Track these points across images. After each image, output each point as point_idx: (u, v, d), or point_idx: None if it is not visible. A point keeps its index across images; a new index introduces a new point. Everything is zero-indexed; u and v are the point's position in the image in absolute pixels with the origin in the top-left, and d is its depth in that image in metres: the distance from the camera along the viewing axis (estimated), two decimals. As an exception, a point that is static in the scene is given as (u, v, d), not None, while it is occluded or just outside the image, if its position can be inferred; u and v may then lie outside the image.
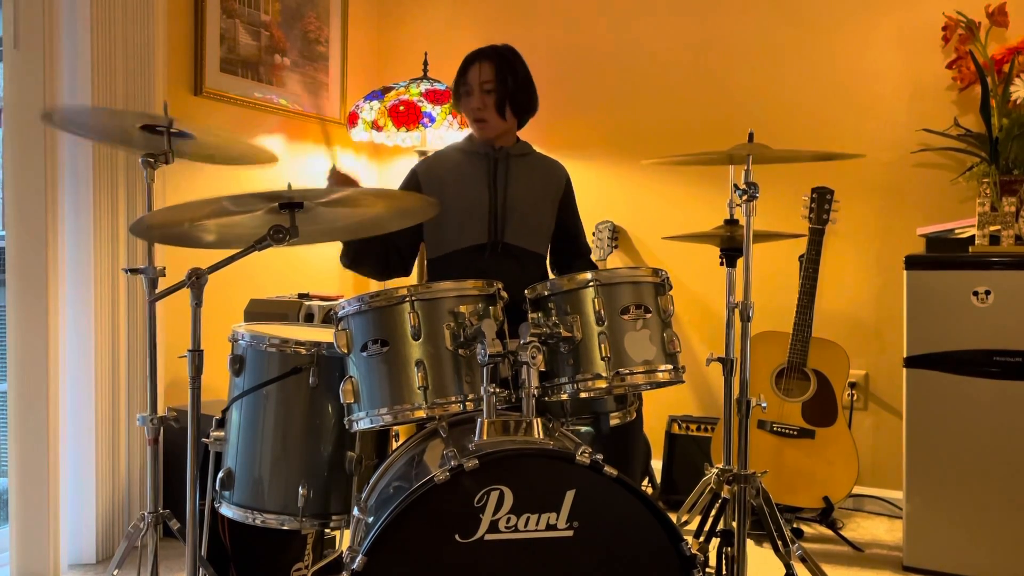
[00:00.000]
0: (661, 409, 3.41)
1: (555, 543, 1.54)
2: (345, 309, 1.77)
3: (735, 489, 2.25)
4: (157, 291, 2.03)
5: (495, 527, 1.53)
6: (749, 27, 3.54)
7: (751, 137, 2.32)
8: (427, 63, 3.70)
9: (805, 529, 3.10)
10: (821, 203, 3.05)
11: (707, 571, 2.11)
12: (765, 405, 2.28)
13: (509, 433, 1.64)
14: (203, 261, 1.73)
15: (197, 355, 1.73)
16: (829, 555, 2.88)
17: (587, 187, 2.97)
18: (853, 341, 3.29)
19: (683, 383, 1.90)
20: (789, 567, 2.31)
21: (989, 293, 2.67)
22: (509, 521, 1.53)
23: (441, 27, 4.06)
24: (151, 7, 2.84)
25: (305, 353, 1.87)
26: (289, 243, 1.70)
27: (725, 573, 2.27)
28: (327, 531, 2.38)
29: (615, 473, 1.56)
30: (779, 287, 3.37)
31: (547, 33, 3.84)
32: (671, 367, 1.83)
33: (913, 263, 2.78)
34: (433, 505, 1.52)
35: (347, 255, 2.36)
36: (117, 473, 2.80)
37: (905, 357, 2.78)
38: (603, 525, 1.56)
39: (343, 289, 3.93)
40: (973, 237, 2.85)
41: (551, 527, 1.54)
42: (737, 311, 2.23)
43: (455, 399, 1.71)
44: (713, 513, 2.55)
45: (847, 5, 3.39)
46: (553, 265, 2.55)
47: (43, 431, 2.60)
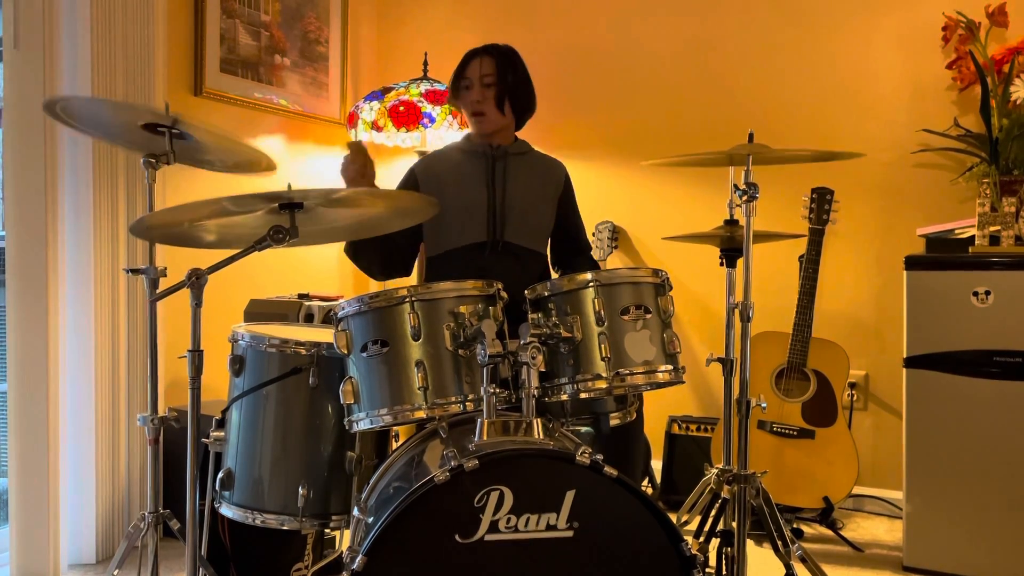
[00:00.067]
0: (661, 409, 3.41)
1: (555, 543, 1.54)
2: (345, 310, 1.77)
3: (735, 489, 2.25)
4: (157, 291, 2.04)
5: (495, 527, 1.53)
6: (749, 27, 3.54)
7: (751, 137, 2.32)
8: (427, 63, 3.70)
9: (805, 529, 3.10)
10: (821, 203, 3.05)
11: (707, 571, 2.11)
12: (765, 405, 2.29)
13: (509, 433, 1.64)
14: (203, 261, 1.73)
15: (197, 355, 1.74)
16: (829, 555, 2.88)
17: (587, 187, 2.96)
18: (853, 341, 3.29)
19: (683, 383, 1.90)
20: (789, 567, 2.31)
21: (989, 293, 2.67)
22: (509, 521, 1.53)
23: (441, 27, 4.06)
24: (151, 7, 2.84)
25: (305, 353, 1.87)
26: (289, 243, 1.71)
27: (725, 573, 2.27)
28: (327, 531, 2.37)
29: (615, 473, 1.56)
30: (779, 287, 3.37)
31: (547, 33, 3.84)
32: (671, 367, 1.83)
33: (913, 263, 2.78)
34: (433, 505, 1.52)
35: (351, 246, 2.38)
36: (117, 473, 2.81)
37: (905, 357, 2.78)
38: (603, 525, 1.56)
39: (343, 289, 3.93)
40: (973, 237, 2.85)
41: (551, 527, 1.54)
42: (737, 311, 2.23)
43: (455, 399, 1.71)
44: (713, 513, 2.55)
45: (847, 5, 3.39)
46: (554, 263, 2.55)
47: (43, 431, 2.60)
